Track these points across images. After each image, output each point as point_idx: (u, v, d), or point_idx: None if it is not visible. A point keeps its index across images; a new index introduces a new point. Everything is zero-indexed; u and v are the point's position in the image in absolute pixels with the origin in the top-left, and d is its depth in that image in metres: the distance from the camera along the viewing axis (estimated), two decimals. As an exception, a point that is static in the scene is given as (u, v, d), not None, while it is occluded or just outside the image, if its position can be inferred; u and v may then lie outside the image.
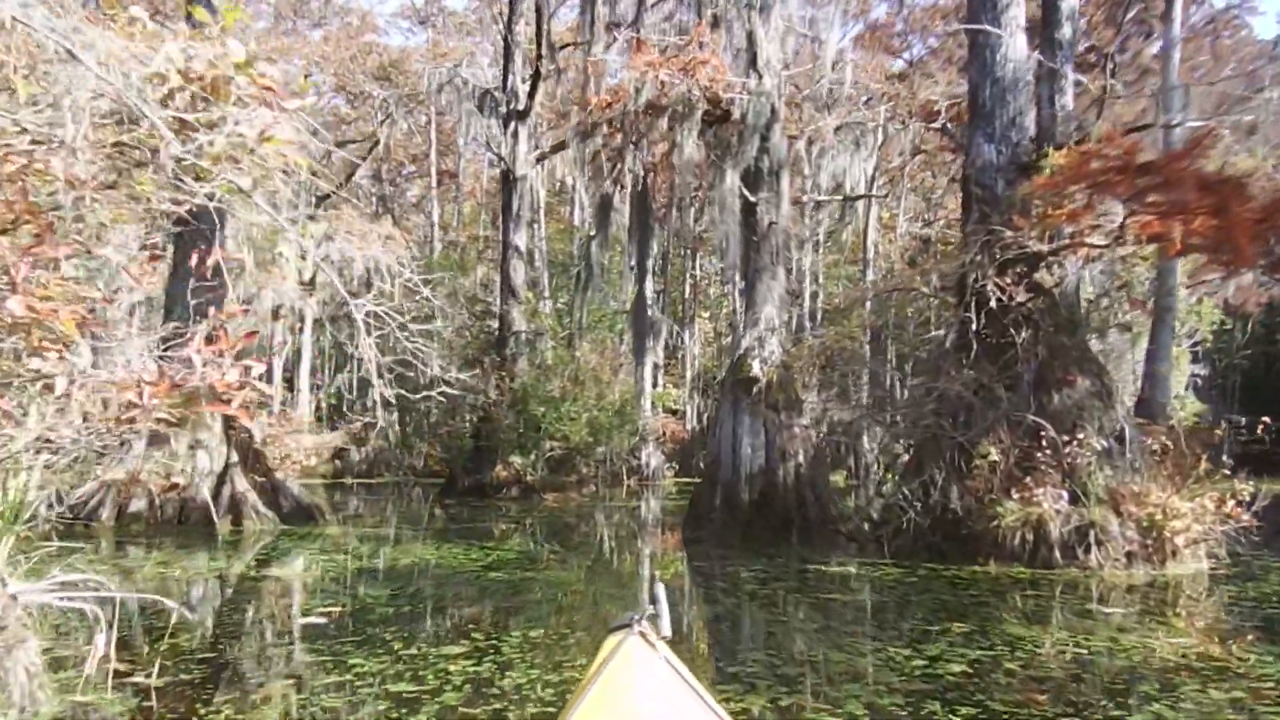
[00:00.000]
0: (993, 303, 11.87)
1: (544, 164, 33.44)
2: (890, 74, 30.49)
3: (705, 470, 16.01)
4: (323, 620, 7.28)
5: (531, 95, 24.59)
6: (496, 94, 25.10)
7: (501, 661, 6.03)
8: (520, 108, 24.68)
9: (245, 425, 15.85)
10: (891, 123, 25.15)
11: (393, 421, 39.28)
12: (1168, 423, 12.55)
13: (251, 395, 4.96)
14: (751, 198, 15.33)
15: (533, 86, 24.47)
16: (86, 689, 5.08)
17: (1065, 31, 13.30)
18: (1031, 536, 10.89)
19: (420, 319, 35.80)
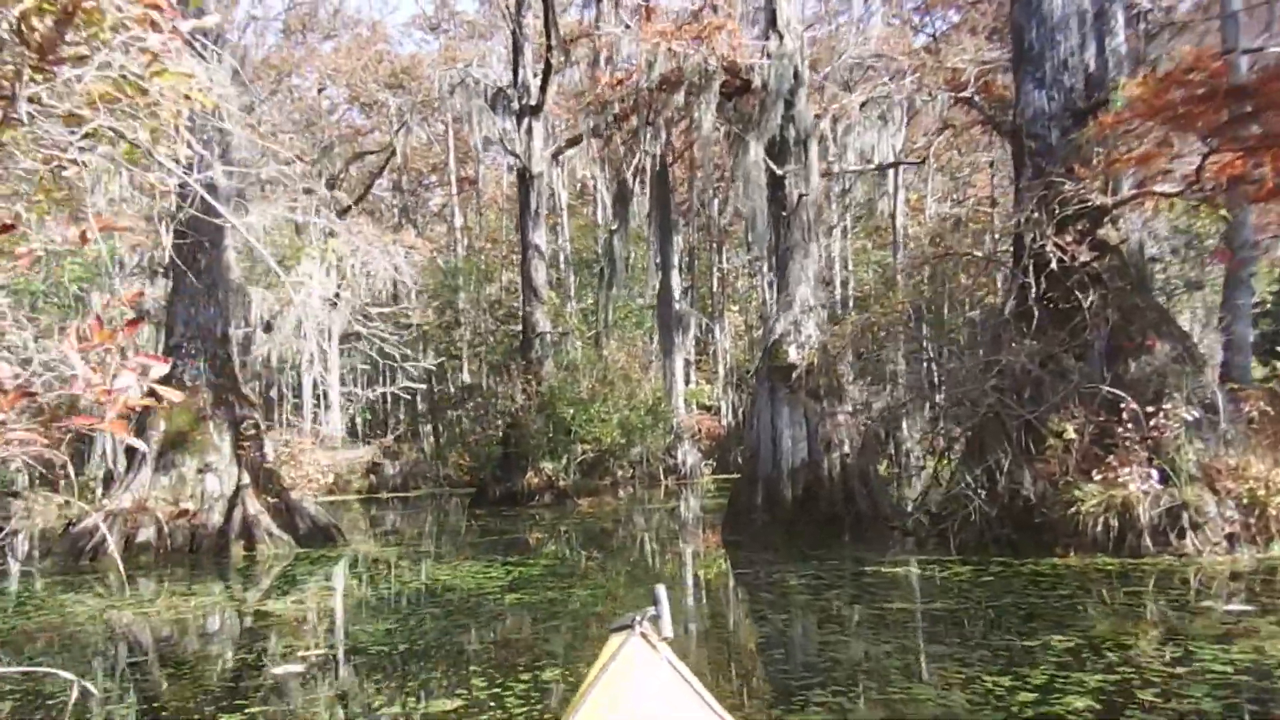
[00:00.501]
0: (1053, 264, 10.44)
1: (563, 164, 32.22)
2: (913, 50, 28.89)
3: (744, 466, 14.64)
4: (299, 668, 6.01)
5: (544, 89, 23.34)
6: (509, 91, 23.90)
7: None
8: (533, 103, 23.45)
9: (256, 444, 14.75)
10: (919, 94, 23.60)
11: (426, 433, 38.29)
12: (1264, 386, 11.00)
13: (139, 402, 3.72)
14: (778, 171, 13.96)
15: (544, 80, 23.22)
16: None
17: (1114, -36, 11.82)
18: (1116, 522, 9.42)
19: (443, 326, 34.79)
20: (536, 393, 22.51)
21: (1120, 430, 9.57)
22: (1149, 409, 9.56)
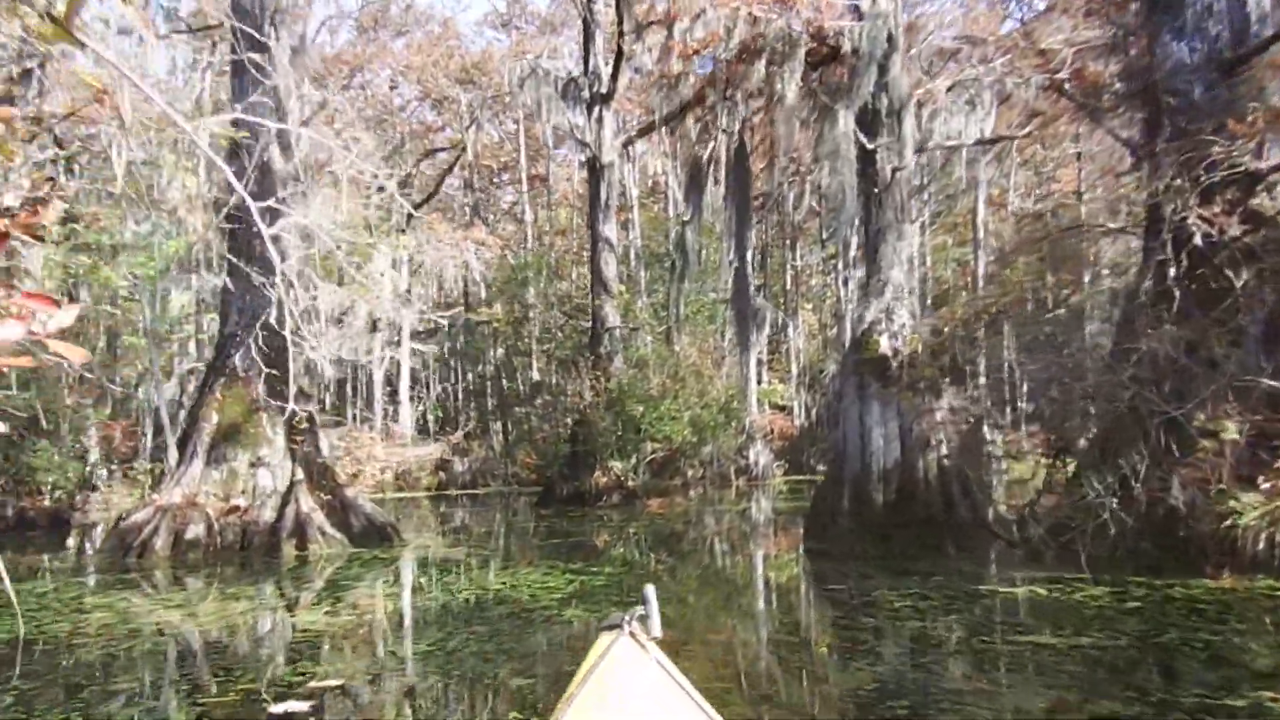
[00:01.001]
0: (1197, 239, 8.81)
1: (634, 159, 30.98)
2: (1001, 37, 26.94)
3: (828, 467, 13.14)
4: (302, 708, 4.76)
5: (615, 76, 22.10)
6: (580, 80, 22.72)
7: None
8: (604, 91, 22.22)
9: (311, 438, 13.73)
10: (1010, 77, 21.77)
11: (496, 431, 37.34)
12: None
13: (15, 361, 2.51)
14: (869, 145, 12.46)
15: (615, 67, 21.97)
16: None
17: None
18: (1284, 539, 7.78)
19: (512, 322, 33.80)
20: (605, 389, 21.24)
21: (1288, 430, 7.92)
22: (1323, 405, 7.91)
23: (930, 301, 34.56)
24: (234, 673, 5.78)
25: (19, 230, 2.57)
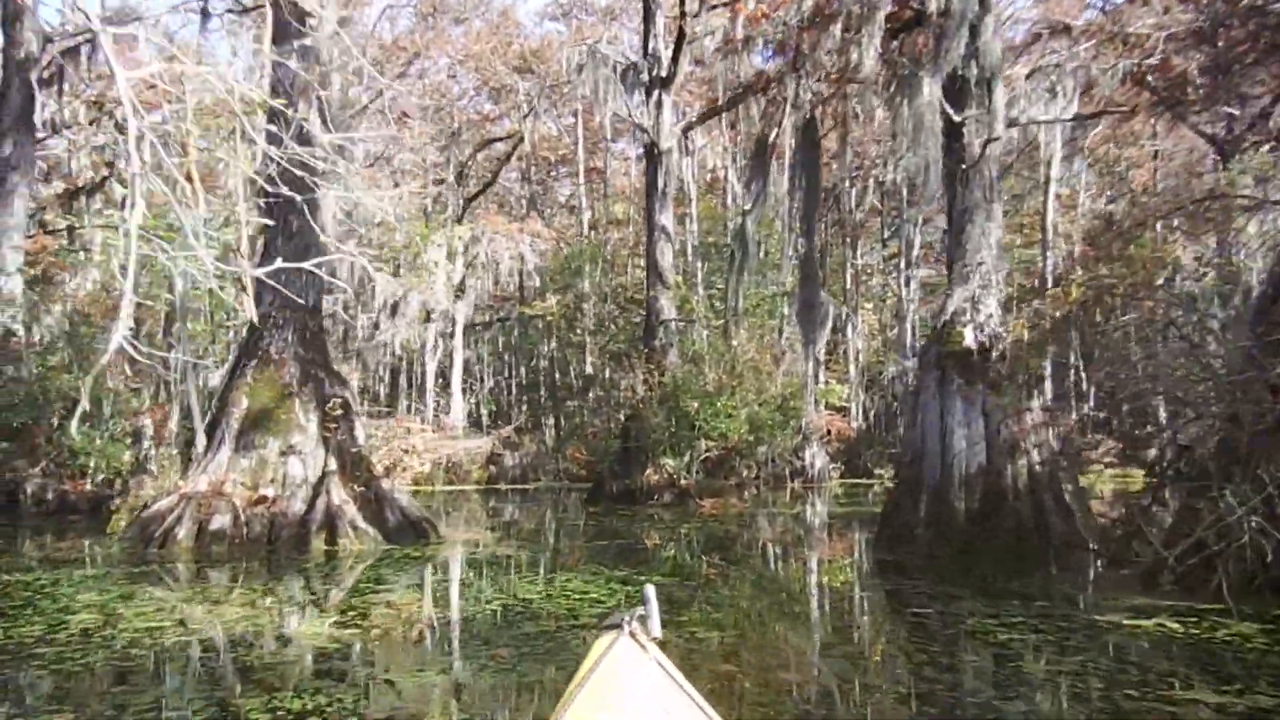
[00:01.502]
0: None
1: (693, 153, 29.68)
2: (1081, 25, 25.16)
3: (902, 470, 11.73)
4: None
5: (675, 59, 20.85)
6: (639, 63, 21.54)
7: None
8: (663, 74, 20.99)
9: (346, 426, 12.69)
10: (1095, 62, 20.12)
11: (548, 425, 36.32)
12: None
13: None
14: (956, 116, 11.05)
15: (676, 49, 20.73)
16: None
17: None
18: None
19: (566, 315, 32.72)
20: (659, 384, 20.00)
21: None
22: None
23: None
24: (179, 699, 4.64)
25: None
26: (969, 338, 10.66)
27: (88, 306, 22.63)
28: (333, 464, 12.31)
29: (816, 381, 29.41)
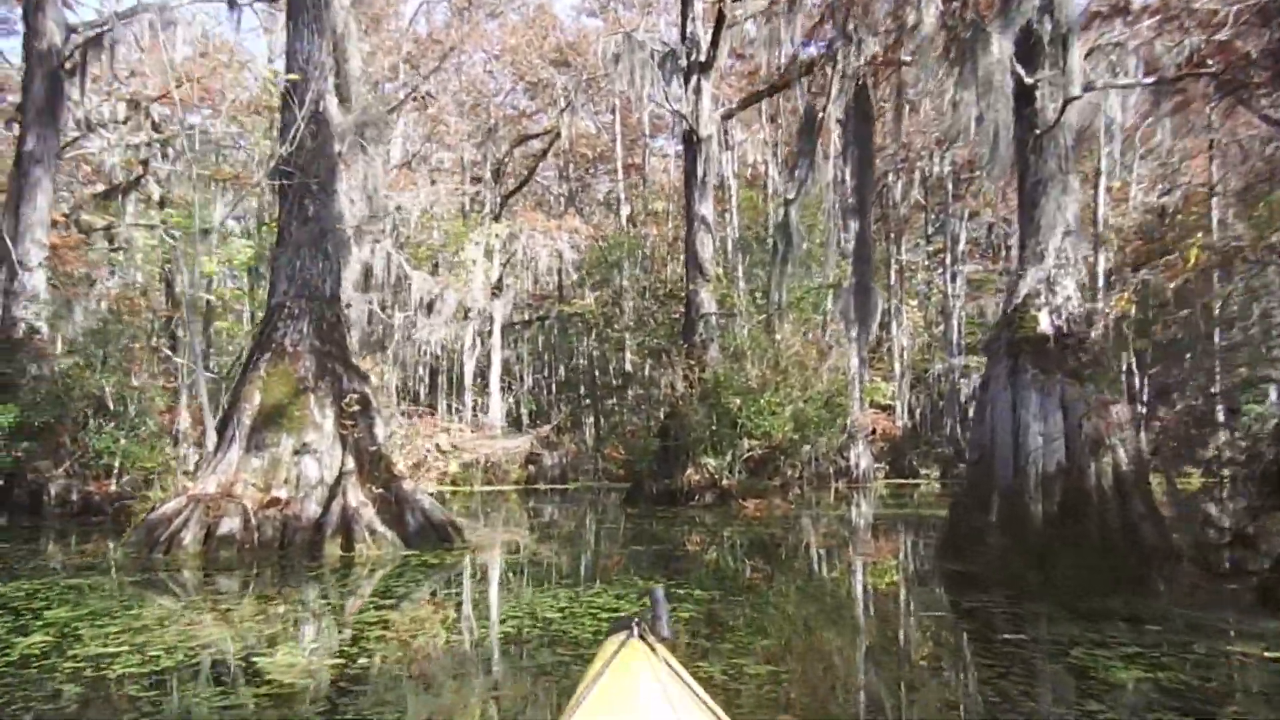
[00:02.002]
0: None
1: (733, 146, 28.49)
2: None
3: (971, 471, 10.45)
4: None
5: (715, 43, 19.70)
6: (677, 49, 20.43)
7: None
8: (702, 59, 19.85)
9: (365, 423, 11.70)
10: (1160, 39, 18.57)
11: (588, 424, 35.29)
12: None
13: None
14: (1027, 79, 9.78)
15: (715, 33, 19.58)
16: None
17: None
18: None
19: (605, 313, 31.66)
20: (699, 380, 18.83)
21: None
22: None
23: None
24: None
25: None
26: (1044, 323, 9.39)
27: (118, 304, 21.99)
28: (350, 464, 11.34)
29: (863, 378, 28.09)
